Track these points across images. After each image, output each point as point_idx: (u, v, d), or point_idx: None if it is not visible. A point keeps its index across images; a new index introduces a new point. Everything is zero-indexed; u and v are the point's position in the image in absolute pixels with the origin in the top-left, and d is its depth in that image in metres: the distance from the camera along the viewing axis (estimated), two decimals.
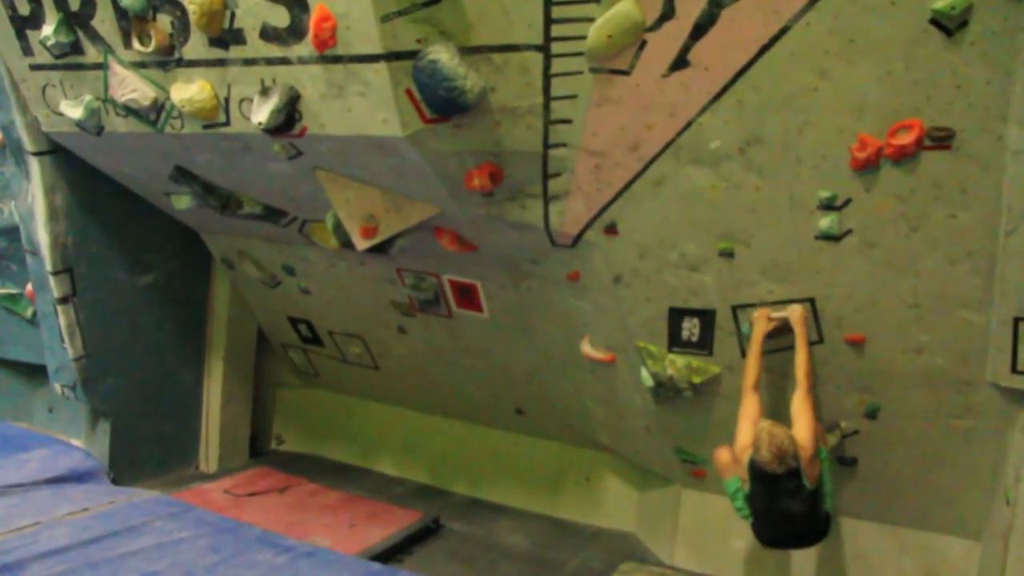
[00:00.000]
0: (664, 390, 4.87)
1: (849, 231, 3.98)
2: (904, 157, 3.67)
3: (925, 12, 3.33)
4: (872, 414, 4.53)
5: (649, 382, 4.89)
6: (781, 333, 4.37)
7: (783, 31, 3.56)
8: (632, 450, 5.76)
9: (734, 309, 4.49)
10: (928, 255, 3.89)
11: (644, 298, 4.69)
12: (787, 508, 4.03)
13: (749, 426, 4.17)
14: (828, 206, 3.94)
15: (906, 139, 3.61)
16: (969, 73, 3.40)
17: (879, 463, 4.68)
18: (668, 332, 4.73)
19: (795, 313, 4.28)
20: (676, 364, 4.75)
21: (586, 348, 5.27)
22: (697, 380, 4.75)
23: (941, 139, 3.58)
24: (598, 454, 6.18)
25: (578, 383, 5.63)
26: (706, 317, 4.59)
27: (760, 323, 4.37)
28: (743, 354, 4.62)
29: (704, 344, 4.69)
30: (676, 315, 4.66)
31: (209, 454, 7.23)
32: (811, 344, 4.32)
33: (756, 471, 4.01)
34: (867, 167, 3.76)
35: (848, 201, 3.90)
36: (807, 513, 4.09)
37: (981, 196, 3.65)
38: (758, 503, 4.12)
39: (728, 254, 4.30)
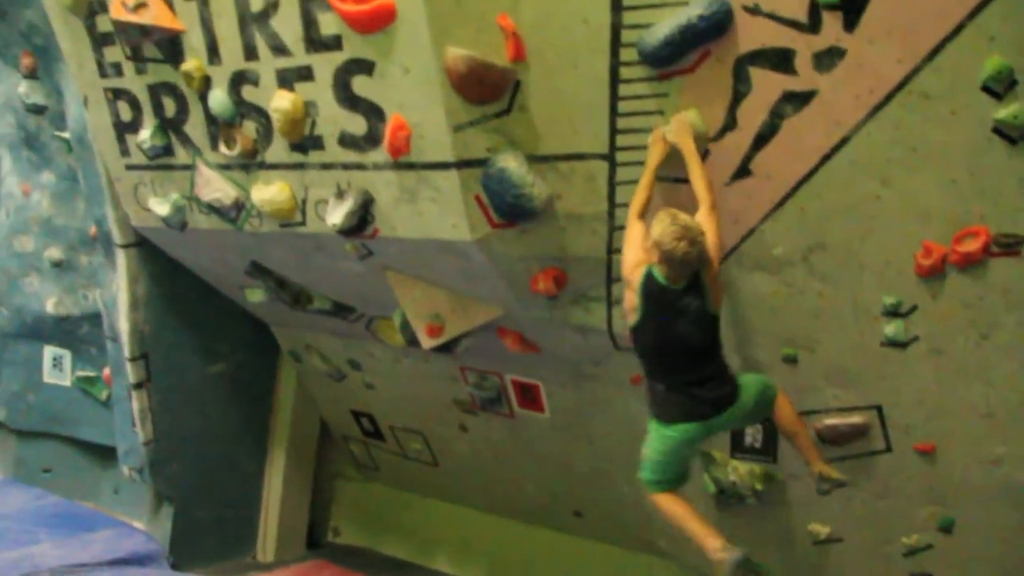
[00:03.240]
0: (727, 496, 4.78)
1: (916, 338, 3.92)
2: (971, 264, 3.63)
3: (987, 121, 3.34)
4: (947, 528, 4.35)
5: (712, 488, 4.80)
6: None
7: (844, 140, 3.61)
8: (694, 557, 5.59)
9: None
10: (1001, 363, 3.79)
11: None
12: (685, 334, 3.58)
13: (637, 248, 3.72)
14: (893, 312, 3.90)
15: (972, 246, 3.58)
16: None
17: None
18: (731, 438, 4.67)
19: (679, 122, 3.79)
20: (739, 470, 4.67)
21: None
22: (760, 487, 4.65)
23: (1009, 246, 3.54)
24: (659, 560, 6.02)
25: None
26: (770, 424, 4.51)
27: (656, 147, 3.85)
28: (806, 461, 4.52)
29: (768, 450, 4.60)
30: None
31: (267, 543, 7.26)
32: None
33: (653, 282, 3.55)
34: (933, 274, 3.72)
35: (914, 308, 3.86)
36: (708, 346, 3.64)
37: None
38: (649, 332, 3.65)
39: (792, 360, 4.26)
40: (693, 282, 3.59)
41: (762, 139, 3.74)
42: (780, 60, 3.55)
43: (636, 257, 3.71)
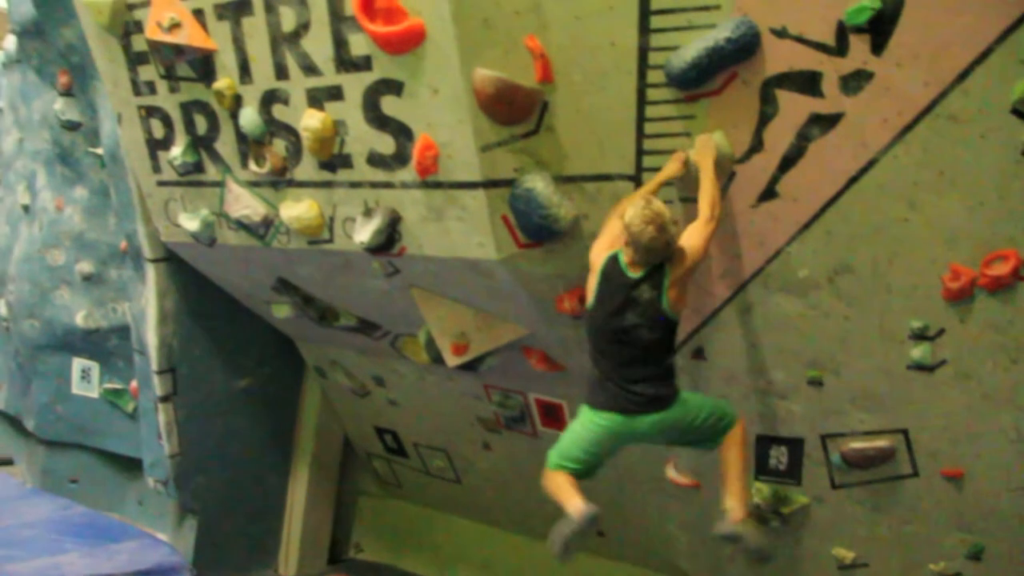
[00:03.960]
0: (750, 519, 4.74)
1: (943, 361, 3.89)
2: (1000, 287, 3.60)
3: (1017, 144, 3.32)
4: (975, 556, 4.29)
5: None
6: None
7: (871, 163, 3.60)
8: None
9: (823, 438, 4.40)
10: None
11: None
12: (631, 325, 3.55)
13: (611, 237, 3.73)
14: (920, 336, 3.88)
15: (1002, 269, 3.55)
16: None
17: None
18: (755, 460, 4.63)
19: (703, 142, 3.78)
20: (763, 493, 4.63)
21: (671, 472, 5.19)
22: (784, 510, 4.62)
23: None
24: None
25: (662, 508, 5.51)
26: (794, 446, 4.49)
27: (673, 164, 3.85)
28: (833, 484, 4.49)
29: (792, 473, 4.57)
30: (764, 443, 4.58)
31: (289, 557, 7.27)
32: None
33: (615, 265, 3.58)
34: (961, 297, 3.70)
35: (941, 331, 3.83)
36: (655, 346, 3.57)
37: None
38: (599, 316, 3.64)
39: (817, 382, 4.24)
40: (653, 273, 3.59)
41: (788, 161, 3.74)
42: (807, 83, 3.56)
43: (605, 243, 3.78)
